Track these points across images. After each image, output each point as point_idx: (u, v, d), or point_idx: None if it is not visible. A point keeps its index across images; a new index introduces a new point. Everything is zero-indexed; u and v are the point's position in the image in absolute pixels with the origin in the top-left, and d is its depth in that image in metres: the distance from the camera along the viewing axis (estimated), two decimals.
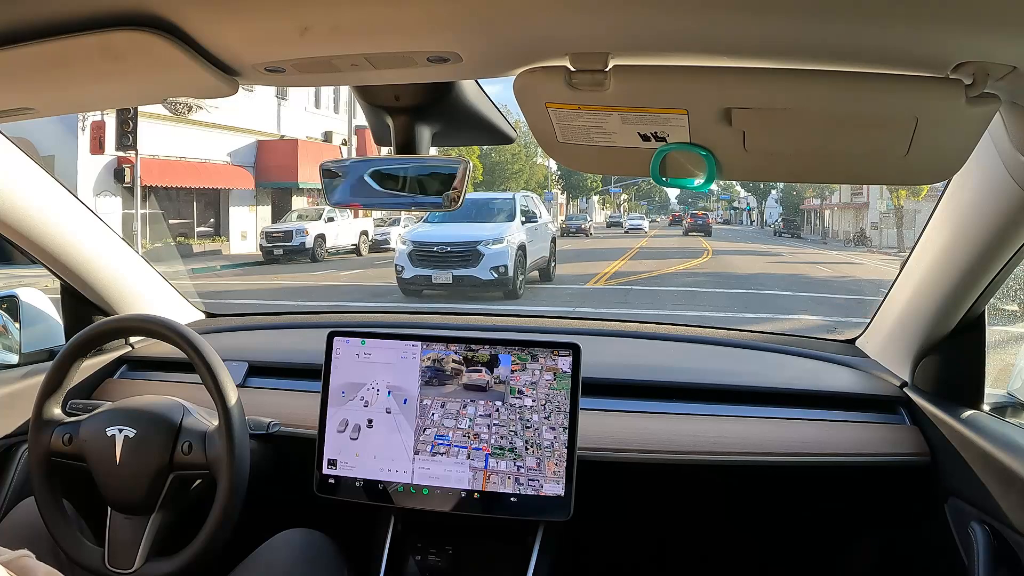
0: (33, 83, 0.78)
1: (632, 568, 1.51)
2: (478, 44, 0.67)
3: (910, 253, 1.22)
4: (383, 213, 17.73)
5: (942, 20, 0.55)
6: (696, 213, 35.94)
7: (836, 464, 1.24)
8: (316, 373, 1.28)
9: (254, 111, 16.61)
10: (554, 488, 1.16)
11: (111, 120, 12.56)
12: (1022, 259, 1.01)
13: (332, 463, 1.24)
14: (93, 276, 1.44)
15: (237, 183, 16.70)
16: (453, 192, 0.93)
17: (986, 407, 1.17)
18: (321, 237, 15.20)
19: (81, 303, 1.49)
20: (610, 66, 0.67)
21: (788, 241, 27.79)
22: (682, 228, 32.74)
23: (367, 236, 16.99)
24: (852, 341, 1.53)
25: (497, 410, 1.20)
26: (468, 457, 1.20)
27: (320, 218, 15.43)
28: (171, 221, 15.29)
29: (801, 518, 1.45)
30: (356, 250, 16.46)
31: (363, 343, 1.26)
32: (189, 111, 14.07)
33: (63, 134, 12.73)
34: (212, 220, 16.83)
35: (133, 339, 1.58)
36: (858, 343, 1.51)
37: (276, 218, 17.20)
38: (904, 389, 1.30)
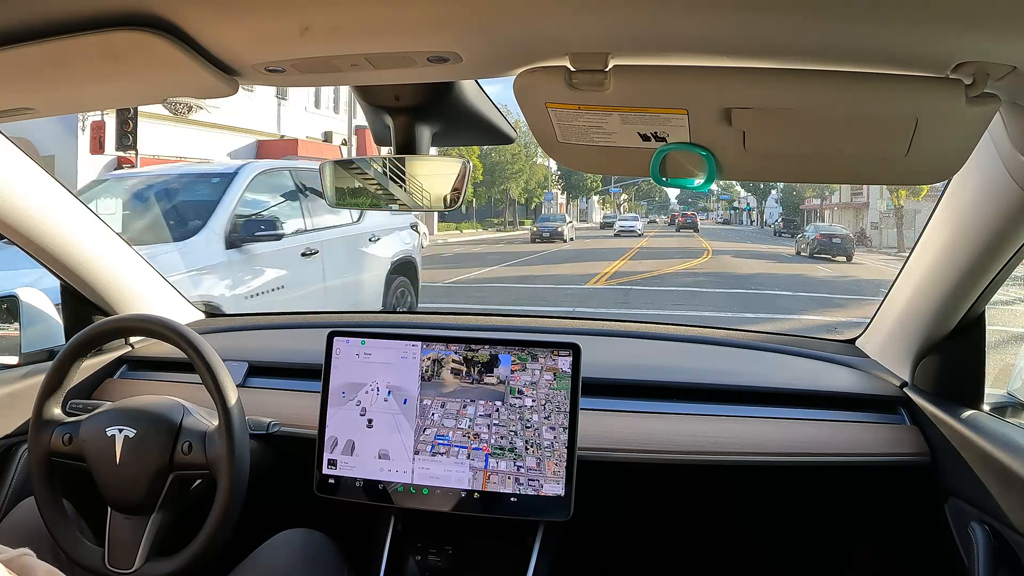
0: (33, 83, 0.78)
1: (632, 568, 1.51)
2: (478, 44, 0.67)
3: (910, 253, 1.22)
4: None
5: (942, 20, 0.55)
6: (686, 213, 44.52)
7: (836, 464, 1.24)
8: (316, 373, 1.28)
9: (254, 111, 16.58)
10: (554, 488, 1.16)
11: (111, 120, 12.53)
12: (1022, 259, 1.01)
13: (332, 463, 1.24)
14: (93, 276, 1.44)
15: None
16: (453, 192, 0.93)
17: (986, 407, 1.17)
18: None
19: (81, 303, 1.49)
20: (610, 66, 0.67)
21: (788, 241, 27.74)
22: (675, 225, 40.62)
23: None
24: (852, 341, 1.53)
25: (497, 410, 1.20)
26: (468, 457, 1.20)
27: None
28: None
29: (801, 518, 1.45)
30: None
31: (363, 343, 1.26)
32: (189, 111, 14.04)
33: (63, 134, 12.72)
34: None
35: (133, 339, 1.58)
36: (858, 343, 1.51)
37: None
38: (904, 389, 1.30)
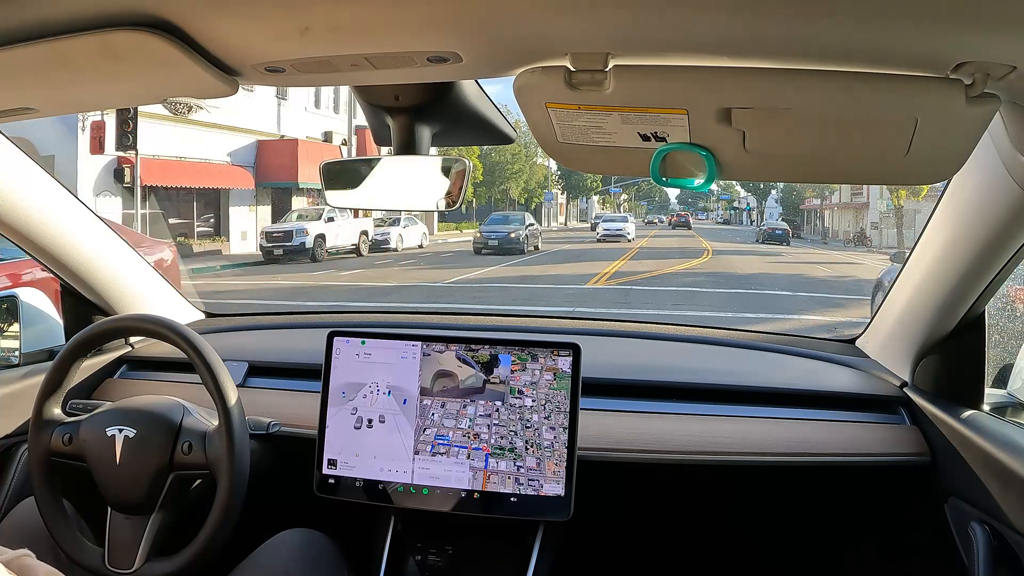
0: (33, 83, 0.78)
1: (632, 568, 1.51)
2: (478, 44, 0.67)
3: (910, 253, 1.22)
4: (383, 213, 17.77)
5: (942, 20, 0.55)
6: (679, 213, 48.90)
7: (836, 464, 1.24)
8: (316, 373, 1.28)
9: (254, 111, 16.58)
10: (554, 488, 1.16)
11: (111, 120, 12.55)
12: (1022, 259, 1.01)
13: (332, 463, 1.24)
14: (93, 276, 1.44)
15: (237, 183, 16.67)
16: (453, 192, 0.93)
17: (986, 407, 1.17)
18: (321, 237, 15.19)
19: (81, 303, 1.49)
20: (610, 66, 0.67)
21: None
22: (671, 224, 43.98)
23: (367, 236, 16.97)
24: (852, 341, 1.53)
25: (497, 410, 1.20)
26: (468, 457, 1.19)
27: (320, 218, 15.41)
28: (171, 221, 15.26)
29: (801, 518, 1.45)
30: (356, 250, 16.44)
31: (363, 343, 1.26)
32: (189, 111, 14.04)
33: (63, 134, 12.72)
34: (212, 220, 16.79)
35: (133, 339, 1.58)
36: (858, 343, 1.51)
37: (276, 218, 17.16)
38: (904, 389, 1.30)
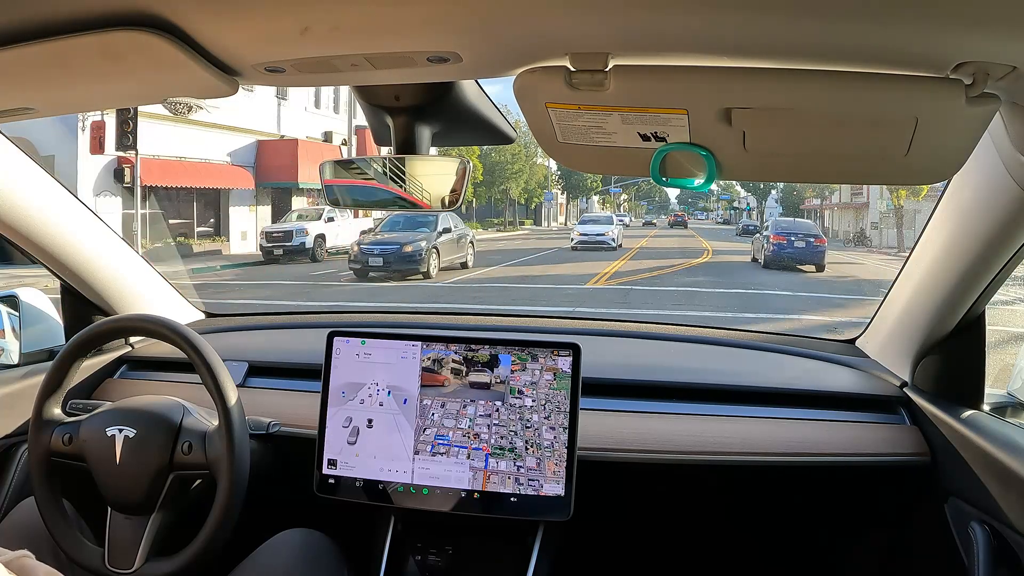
0: (33, 83, 0.78)
1: (632, 568, 1.51)
2: (478, 44, 0.67)
3: (910, 253, 1.22)
4: (383, 213, 17.78)
5: (942, 20, 0.55)
6: (676, 213, 50.75)
7: (836, 464, 1.24)
8: (316, 373, 1.28)
9: (254, 111, 16.58)
10: (554, 488, 1.16)
11: (111, 120, 12.54)
12: (1022, 259, 1.01)
13: (332, 463, 1.24)
14: (93, 276, 1.44)
15: (237, 183, 16.68)
16: (453, 192, 0.93)
17: (986, 407, 1.17)
18: (321, 237, 15.20)
19: (81, 303, 1.49)
20: (610, 66, 0.67)
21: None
22: (669, 224, 45.67)
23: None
24: (852, 341, 1.53)
25: (497, 410, 1.20)
26: (468, 457, 1.19)
27: (320, 218, 15.42)
28: (171, 221, 15.26)
29: (801, 518, 1.45)
30: None
31: (363, 343, 1.26)
32: (189, 111, 14.05)
33: (63, 134, 12.72)
34: (212, 220, 16.79)
35: (133, 339, 1.58)
36: (858, 343, 1.51)
37: (276, 218, 17.17)
38: (904, 389, 1.30)
